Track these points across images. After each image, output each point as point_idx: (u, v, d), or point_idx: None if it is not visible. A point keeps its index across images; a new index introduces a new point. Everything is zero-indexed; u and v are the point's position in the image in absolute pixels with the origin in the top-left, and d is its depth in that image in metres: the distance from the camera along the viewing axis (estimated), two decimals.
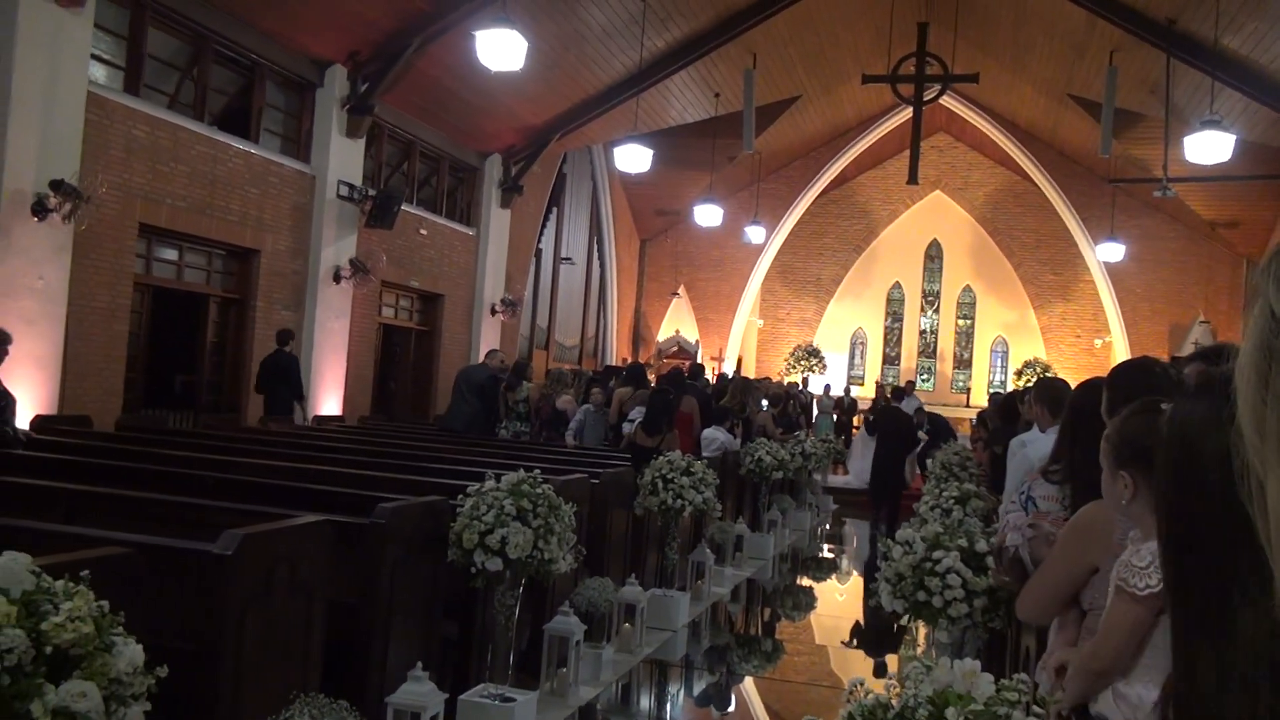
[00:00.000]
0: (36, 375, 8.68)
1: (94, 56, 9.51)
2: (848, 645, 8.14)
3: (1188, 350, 19.79)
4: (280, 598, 3.65)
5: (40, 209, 8.59)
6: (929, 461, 9.49)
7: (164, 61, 10.84)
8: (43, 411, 8.51)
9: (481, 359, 11.83)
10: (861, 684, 1.79)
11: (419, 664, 4.21)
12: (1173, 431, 1.12)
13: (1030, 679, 2.07)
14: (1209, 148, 12.52)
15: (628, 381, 11.11)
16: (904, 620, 4.18)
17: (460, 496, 4.76)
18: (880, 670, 7.14)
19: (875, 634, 8.21)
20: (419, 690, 4.14)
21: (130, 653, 2.16)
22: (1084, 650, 2.35)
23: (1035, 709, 1.77)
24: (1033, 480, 3.25)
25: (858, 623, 9.00)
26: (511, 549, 4.55)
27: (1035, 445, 4.53)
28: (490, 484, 4.81)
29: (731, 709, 6.31)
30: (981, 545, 3.90)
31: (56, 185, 8.63)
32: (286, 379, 11.03)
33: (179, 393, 11.95)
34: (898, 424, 13.09)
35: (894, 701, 1.76)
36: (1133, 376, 2.92)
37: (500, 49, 9.97)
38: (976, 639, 4.25)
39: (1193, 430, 1.07)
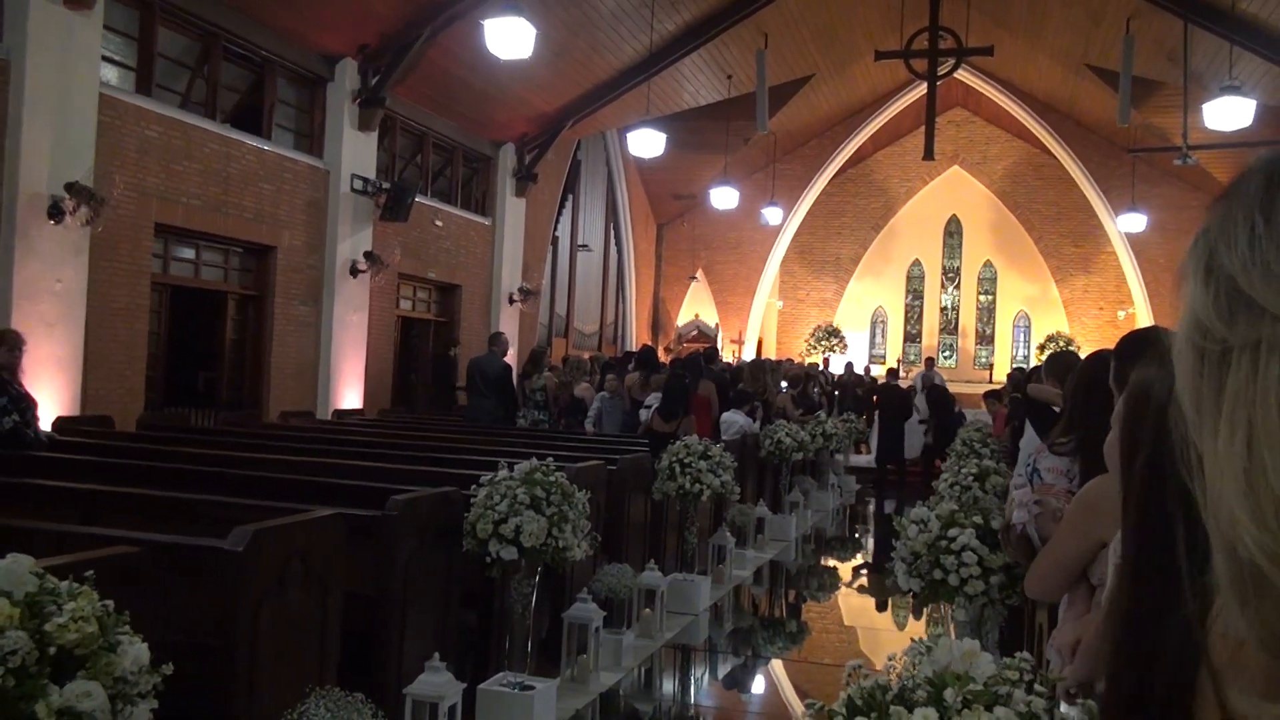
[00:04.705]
0: (58, 377, 8.76)
1: (105, 58, 9.56)
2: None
3: None
4: (294, 592, 3.67)
5: (56, 212, 8.64)
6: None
7: (174, 60, 10.88)
8: (65, 413, 8.58)
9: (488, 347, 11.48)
10: (859, 667, 1.78)
11: (436, 654, 4.22)
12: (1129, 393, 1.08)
13: (1033, 656, 2.04)
14: (1229, 114, 12.35)
15: (638, 367, 11.08)
16: (921, 597, 4.16)
17: (474, 487, 4.77)
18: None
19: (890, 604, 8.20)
20: (437, 680, 4.15)
21: (135, 651, 2.17)
22: (1091, 630, 2.32)
23: (1037, 687, 1.74)
24: (1039, 453, 3.22)
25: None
26: (525, 537, 4.56)
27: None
28: (503, 473, 4.81)
29: (756, 691, 6.30)
30: (997, 522, 3.87)
31: (71, 187, 8.68)
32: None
33: (201, 390, 12.04)
34: (896, 399, 14.65)
35: (894, 683, 1.74)
36: (1140, 346, 2.88)
37: (509, 37, 9.96)
38: (997, 616, 4.22)
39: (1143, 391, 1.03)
